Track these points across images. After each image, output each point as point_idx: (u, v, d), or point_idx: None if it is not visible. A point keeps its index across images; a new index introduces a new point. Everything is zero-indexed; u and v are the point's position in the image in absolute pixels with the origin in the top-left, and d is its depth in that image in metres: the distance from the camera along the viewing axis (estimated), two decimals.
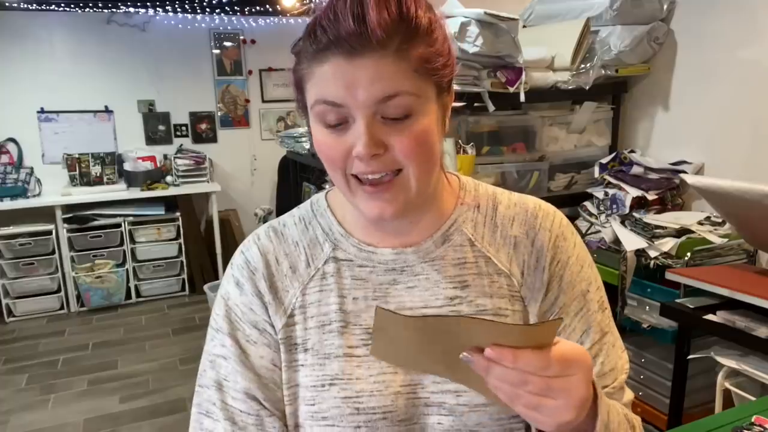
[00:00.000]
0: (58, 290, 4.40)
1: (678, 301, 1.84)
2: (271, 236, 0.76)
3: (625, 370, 0.73)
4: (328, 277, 0.72)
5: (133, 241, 4.57)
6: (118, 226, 4.49)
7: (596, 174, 2.45)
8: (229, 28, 5.03)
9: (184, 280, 4.76)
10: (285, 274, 0.73)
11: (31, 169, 4.51)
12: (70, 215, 4.37)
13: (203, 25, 4.95)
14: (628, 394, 0.74)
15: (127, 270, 4.54)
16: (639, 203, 2.27)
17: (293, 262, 0.74)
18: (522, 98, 2.20)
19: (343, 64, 0.58)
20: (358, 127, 0.60)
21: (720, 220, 2.10)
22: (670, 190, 2.33)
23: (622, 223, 2.24)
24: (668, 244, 2.03)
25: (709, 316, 1.70)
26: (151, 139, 4.96)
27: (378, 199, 0.63)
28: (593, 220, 2.37)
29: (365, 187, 0.64)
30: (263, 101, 5.26)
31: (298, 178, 3.70)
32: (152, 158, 4.78)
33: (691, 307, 1.76)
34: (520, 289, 0.72)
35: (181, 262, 4.73)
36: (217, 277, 4.65)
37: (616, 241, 2.19)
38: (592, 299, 0.73)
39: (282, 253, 0.74)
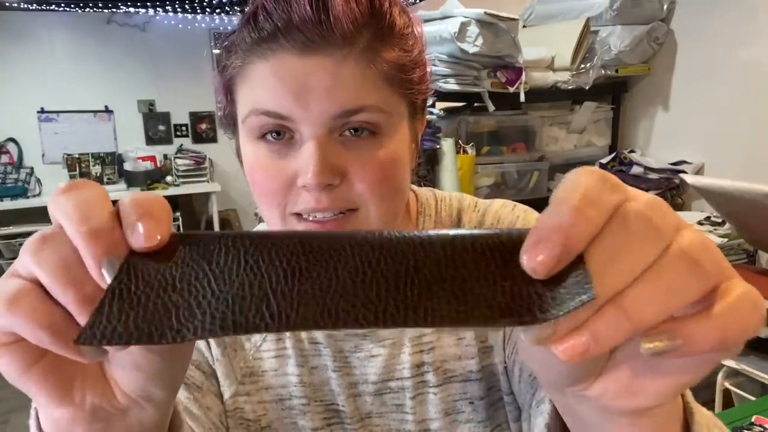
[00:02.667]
0: None
1: None
2: None
3: None
4: (285, 338, 0.59)
5: None
6: None
7: None
8: (229, 28, 5.00)
9: None
10: None
11: (31, 169, 4.51)
12: None
13: (203, 25, 4.96)
14: None
15: None
16: None
17: None
18: (522, 98, 2.20)
19: (292, 62, 0.44)
20: (307, 149, 0.45)
21: (720, 220, 2.10)
22: (670, 190, 2.33)
23: None
24: None
25: None
26: (151, 139, 4.96)
27: None
28: None
29: (308, 224, 0.48)
30: None
31: None
32: (152, 158, 4.78)
33: None
34: (487, 337, 0.59)
35: None
36: None
37: None
38: None
39: None
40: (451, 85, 2.10)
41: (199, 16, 4.89)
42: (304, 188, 0.46)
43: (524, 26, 2.60)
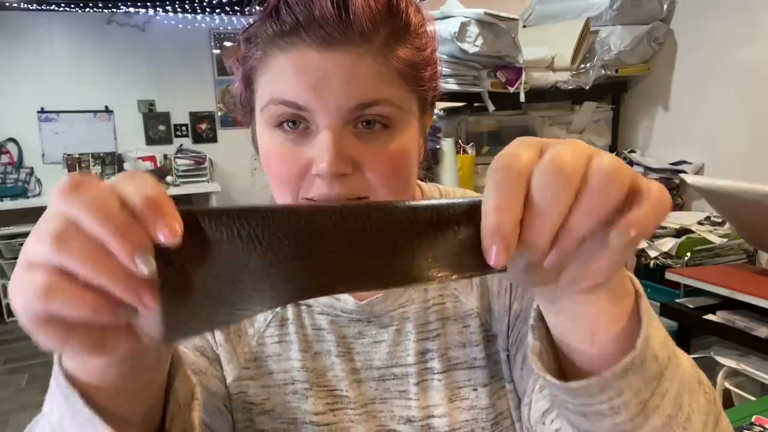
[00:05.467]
0: None
1: (678, 301, 1.84)
2: None
3: None
4: (288, 324, 0.61)
5: None
6: None
7: None
8: (229, 28, 5.03)
9: None
10: None
11: (31, 169, 4.51)
12: None
13: (203, 25, 4.95)
14: None
15: None
16: None
17: None
18: (522, 98, 2.20)
19: (312, 55, 0.46)
20: (323, 139, 0.47)
21: (720, 220, 2.10)
22: (670, 190, 2.32)
23: None
24: (668, 244, 2.03)
25: (709, 316, 1.69)
26: (151, 139, 4.96)
27: None
28: None
29: None
30: None
31: None
32: (152, 158, 4.79)
33: (691, 307, 1.76)
34: (491, 326, 0.61)
35: None
36: None
37: None
38: None
39: None
40: (451, 85, 2.10)
41: (199, 16, 4.89)
42: (318, 176, 0.48)
43: (524, 26, 2.60)
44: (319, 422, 0.58)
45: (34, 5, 4.22)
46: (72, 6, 4.35)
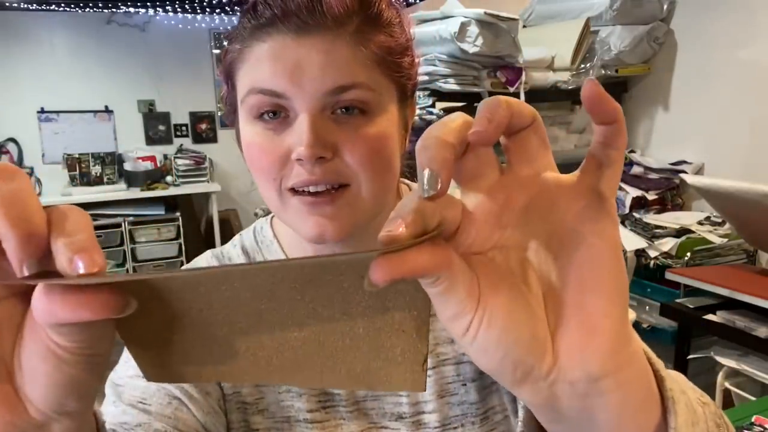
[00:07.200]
0: None
1: (678, 301, 1.85)
2: None
3: None
4: None
5: (133, 241, 4.57)
6: (118, 226, 4.48)
7: None
8: (229, 28, 4.99)
9: None
10: None
11: (32, 169, 4.51)
12: None
13: (203, 25, 4.95)
14: None
15: (127, 270, 4.53)
16: (639, 203, 2.28)
17: None
18: (522, 98, 2.20)
19: (288, 43, 0.48)
20: (301, 124, 0.48)
21: (720, 220, 2.10)
22: (670, 190, 2.33)
23: (622, 223, 2.24)
24: (668, 244, 2.03)
25: (709, 316, 1.70)
26: (151, 139, 4.95)
27: (318, 213, 0.50)
28: None
29: (303, 198, 0.50)
30: None
31: None
32: (152, 158, 4.78)
33: (691, 307, 1.76)
34: None
35: (181, 262, 4.73)
36: None
37: None
38: None
39: None
40: (451, 85, 2.10)
41: (199, 16, 4.89)
42: (298, 161, 0.49)
43: (524, 26, 2.61)
44: (312, 420, 0.59)
45: (34, 5, 4.22)
46: (72, 6, 4.35)
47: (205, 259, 0.66)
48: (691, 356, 1.79)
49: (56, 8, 4.37)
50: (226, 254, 0.65)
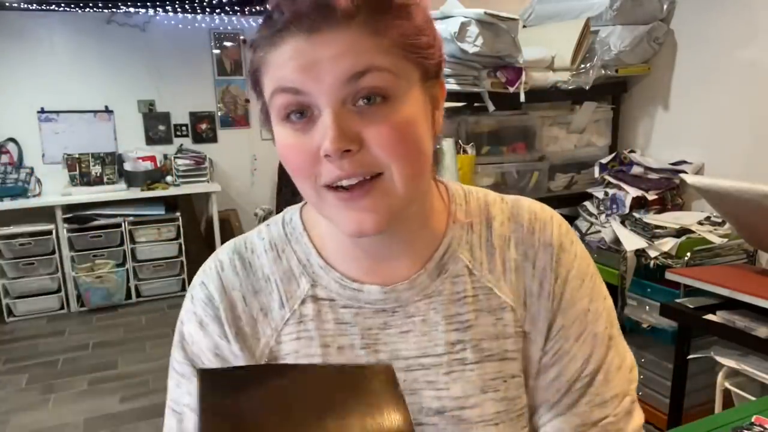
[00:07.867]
0: (59, 290, 4.40)
1: (678, 301, 1.84)
2: (237, 267, 0.63)
3: (632, 390, 0.62)
4: (306, 321, 0.61)
5: (133, 241, 4.57)
6: (118, 226, 4.48)
7: (596, 174, 2.45)
8: (229, 28, 5.03)
9: (184, 280, 4.75)
10: (255, 317, 0.62)
11: (32, 169, 4.51)
12: (70, 215, 4.37)
13: (203, 25, 4.95)
14: (636, 419, 0.62)
15: (127, 270, 4.53)
16: (639, 203, 2.27)
17: (264, 303, 0.62)
18: (522, 98, 2.20)
19: (301, 44, 0.49)
20: (324, 119, 0.49)
21: (720, 220, 2.10)
22: (670, 190, 2.33)
23: (622, 223, 2.23)
24: (668, 244, 2.03)
25: (709, 316, 1.69)
26: (151, 139, 4.95)
27: (354, 207, 0.51)
28: (593, 220, 2.37)
29: (338, 194, 0.51)
30: None
31: None
32: (152, 158, 4.78)
33: (691, 307, 1.76)
34: (524, 323, 0.62)
35: (181, 262, 4.73)
36: None
37: (616, 241, 2.19)
38: (593, 319, 0.62)
39: (250, 291, 0.62)
40: (451, 85, 2.10)
41: (199, 16, 4.89)
42: (326, 158, 0.49)
43: (524, 26, 2.60)
44: None
45: (34, 5, 4.21)
46: (72, 6, 4.35)
47: (227, 256, 0.64)
48: (691, 356, 1.79)
49: (56, 8, 4.37)
50: (249, 246, 0.64)
